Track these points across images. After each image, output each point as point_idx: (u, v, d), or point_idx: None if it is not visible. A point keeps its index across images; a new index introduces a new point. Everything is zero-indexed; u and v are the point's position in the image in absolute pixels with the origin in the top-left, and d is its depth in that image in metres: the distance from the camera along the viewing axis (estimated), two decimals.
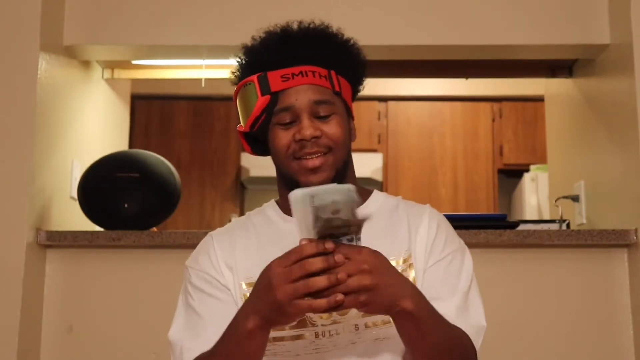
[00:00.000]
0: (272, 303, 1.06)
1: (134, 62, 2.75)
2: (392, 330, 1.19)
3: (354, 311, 1.21)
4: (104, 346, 2.25)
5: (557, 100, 3.03)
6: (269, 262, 1.09)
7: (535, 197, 4.42)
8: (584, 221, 2.54)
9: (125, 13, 2.42)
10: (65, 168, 2.45)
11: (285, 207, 1.35)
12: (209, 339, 1.22)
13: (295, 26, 1.35)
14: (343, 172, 1.32)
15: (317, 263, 1.04)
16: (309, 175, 1.28)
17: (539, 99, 3.55)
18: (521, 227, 2.32)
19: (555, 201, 2.67)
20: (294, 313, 1.06)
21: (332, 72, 1.32)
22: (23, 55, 2.22)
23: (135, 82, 3.27)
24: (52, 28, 2.33)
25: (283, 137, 1.29)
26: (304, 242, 1.06)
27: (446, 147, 4.80)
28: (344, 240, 1.07)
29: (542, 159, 4.21)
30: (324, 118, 1.29)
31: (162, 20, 2.42)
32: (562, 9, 2.39)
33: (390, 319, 1.16)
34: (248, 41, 1.38)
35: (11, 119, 2.20)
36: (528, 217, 4.31)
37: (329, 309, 1.05)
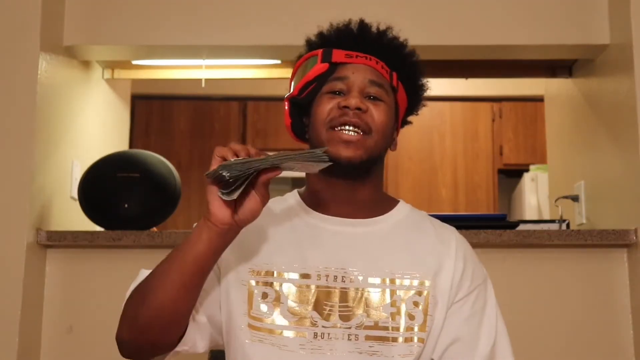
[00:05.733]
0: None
1: (134, 62, 2.75)
2: (389, 347, 1.21)
3: (355, 320, 1.22)
4: (104, 346, 2.23)
5: (557, 100, 3.03)
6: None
7: (535, 197, 4.42)
8: (584, 221, 2.54)
9: (125, 13, 2.42)
10: (65, 168, 2.45)
11: (308, 199, 1.33)
12: None
13: (374, 25, 1.36)
14: (372, 163, 1.30)
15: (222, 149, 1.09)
16: (339, 146, 1.24)
17: (539, 99, 3.55)
18: (521, 227, 2.32)
19: (555, 201, 2.67)
20: (210, 181, 1.09)
21: (394, 73, 1.32)
22: (23, 55, 2.22)
23: (135, 82, 3.27)
24: (52, 28, 2.33)
25: (327, 104, 1.27)
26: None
27: (446, 147, 4.80)
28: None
29: (542, 159, 4.20)
30: (373, 100, 1.28)
31: (162, 20, 2.42)
32: (562, 9, 2.39)
33: (390, 337, 1.20)
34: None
35: (11, 119, 2.20)
36: (528, 217, 4.31)
37: None
